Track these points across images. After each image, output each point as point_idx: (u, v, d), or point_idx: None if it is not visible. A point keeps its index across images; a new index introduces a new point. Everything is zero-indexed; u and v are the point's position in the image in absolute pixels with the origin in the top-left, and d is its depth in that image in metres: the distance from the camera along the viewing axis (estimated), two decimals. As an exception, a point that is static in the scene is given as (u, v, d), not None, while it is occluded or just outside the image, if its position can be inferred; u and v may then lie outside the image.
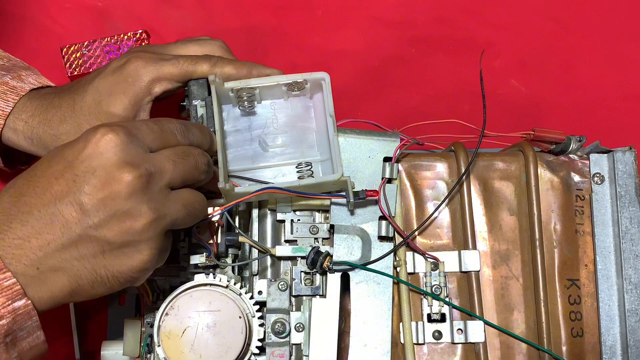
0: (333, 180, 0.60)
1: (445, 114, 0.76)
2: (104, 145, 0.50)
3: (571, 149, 0.68)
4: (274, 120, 0.65)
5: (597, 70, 0.87)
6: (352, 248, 0.63)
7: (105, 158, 0.50)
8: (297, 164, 0.63)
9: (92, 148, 0.50)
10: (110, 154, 0.50)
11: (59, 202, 0.50)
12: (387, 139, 0.65)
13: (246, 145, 0.64)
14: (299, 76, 0.62)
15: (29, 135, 0.64)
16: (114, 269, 0.51)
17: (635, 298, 0.65)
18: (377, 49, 0.86)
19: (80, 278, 0.51)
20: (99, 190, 0.50)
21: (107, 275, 0.51)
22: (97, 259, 0.51)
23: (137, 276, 0.53)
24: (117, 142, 0.50)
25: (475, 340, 0.64)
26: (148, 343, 0.63)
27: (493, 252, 0.66)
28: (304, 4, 0.87)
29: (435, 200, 0.67)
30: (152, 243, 0.52)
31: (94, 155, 0.50)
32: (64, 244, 0.50)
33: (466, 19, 0.88)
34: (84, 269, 0.51)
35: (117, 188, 0.50)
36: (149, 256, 0.52)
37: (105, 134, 0.50)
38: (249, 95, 0.63)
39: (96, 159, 0.50)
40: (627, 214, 0.66)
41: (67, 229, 0.50)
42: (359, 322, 0.63)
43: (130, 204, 0.50)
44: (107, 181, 0.50)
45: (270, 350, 0.62)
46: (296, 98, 0.65)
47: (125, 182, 0.50)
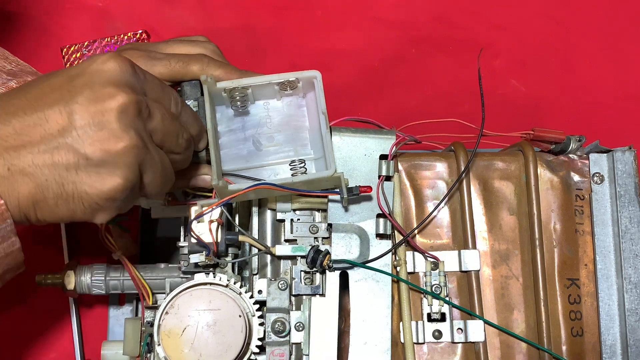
0: (326, 177, 0.60)
1: (445, 113, 0.76)
2: (109, 65, 0.50)
3: (571, 148, 0.68)
4: (267, 120, 0.65)
5: (597, 70, 0.87)
6: (350, 246, 0.63)
7: (107, 76, 0.50)
8: (291, 162, 0.63)
9: (97, 65, 0.50)
10: (112, 74, 0.50)
11: (48, 109, 0.49)
12: (383, 136, 0.65)
13: (240, 145, 0.64)
14: (290, 75, 0.62)
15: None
16: (82, 188, 0.50)
17: (635, 297, 0.65)
18: (377, 49, 0.86)
19: (46, 189, 0.49)
20: (92, 103, 0.49)
21: (74, 193, 0.50)
22: (69, 172, 0.49)
23: (102, 204, 0.51)
24: (121, 67, 0.51)
25: (475, 340, 0.64)
26: (148, 342, 0.63)
27: (493, 251, 0.66)
28: (304, 4, 0.87)
29: (435, 200, 0.67)
30: (128, 171, 0.50)
31: (95, 72, 0.50)
32: (40, 149, 0.49)
33: (466, 19, 0.88)
34: (52, 179, 0.49)
35: (110, 104, 0.49)
36: (120, 184, 0.50)
37: (111, 58, 0.51)
38: (241, 96, 0.63)
39: (97, 75, 0.50)
40: (626, 213, 0.66)
41: (48, 135, 0.49)
42: (359, 320, 0.63)
43: (118, 123, 0.49)
44: (102, 96, 0.49)
45: (270, 349, 0.62)
46: (289, 97, 0.65)
47: (119, 100, 0.49)
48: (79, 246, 0.78)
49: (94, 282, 0.67)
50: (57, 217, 0.51)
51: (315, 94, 0.62)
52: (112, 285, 0.67)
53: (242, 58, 0.68)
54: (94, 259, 0.76)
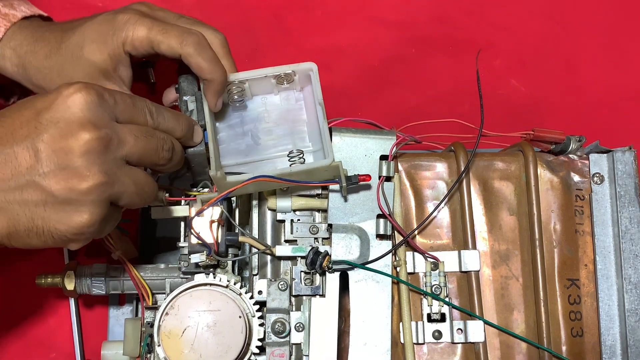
0: (325, 166, 0.60)
1: (445, 114, 0.76)
2: (73, 100, 0.51)
3: (571, 149, 0.68)
4: (265, 114, 0.65)
5: (597, 70, 0.87)
6: (350, 247, 0.63)
7: (71, 112, 0.51)
8: (289, 152, 0.63)
9: (62, 100, 0.51)
10: (76, 110, 0.51)
11: (17, 145, 0.50)
12: (383, 137, 0.65)
13: (238, 140, 0.64)
14: (286, 67, 0.62)
15: (16, 63, 0.63)
16: (51, 224, 0.51)
17: (635, 298, 0.65)
18: (377, 49, 0.86)
19: (18, 223, 0.51)
20: (56, 141, 0.50)
21: (44, 228, 0.51)
22: (37, 208, 0.51)
23: (71, 238, 0.52)
24: (87, 101, 0.51)
25: (475, 340, 0.64)
26: (148, 343, 0.63)
27: (493, 252, 0.66)
28: (304, 4, 0.87)
29: (435, 200, 0.67)
30: (94, 208, 0.51)
31: (61, 107, 0.51)
32: (10, 186, 0.50)
33: (466, 19, 0.88)
34: (23, 214, 0.51)
35: (74, 143, 0.50)
36: (87, 220, 0.51)
37: (77, 91, 0.51)
38: (238, 90, 0.63)
39: (62, 112, 0.51)
40: (626, 213, 0.66)
41: (18, 172, 0.50)
42: (359, 320, 0.63)
43: (81, 162, 0.50)
44: (66, 134, 0.50)
45: (270, 350, 0.62)
46: (286, 92, 0.65)
47: (83, 139, 0.50)
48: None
49: (94, 282, 0.67)
50: (31, 246, 0.53)
51: (312, 86, 0.62)
52: (112, 286, 0.67)
53: (242, 58, 0.68)
54: (94, 259, 0.76)
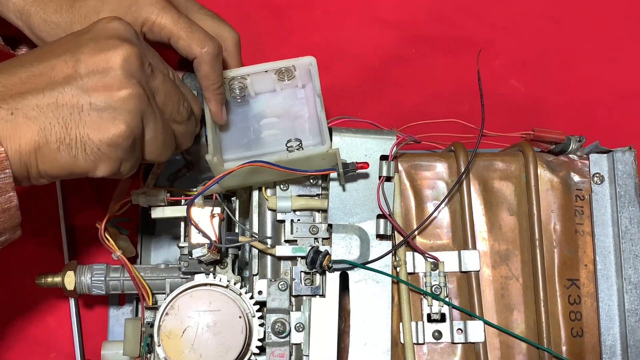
0: (322, 153, 0.60)
1: (445, 113, 0.76)
2: (114, 24, 0.53)
3: (571, 149, 0.68)
4: (267, 110, 0.65)
5: (596, 70, 0.87)
6: (350, 247, 0.63)
7: (111, 31, 0.53)
8: (287, 141, 0.62)
9: (102, 24, 0.53)
10: (116, 29, 0.53)
11: (55, 58, 0.51)
12: (384, 137, 0.65)
13: (240, 135, 0.64)
14: (286, 62, 0.63)
15: (20, 9, 0.61)
16: (85, 131, 0.50)
17: (635, 298, 0.65)
18: (377, 48, 0.86)
19: (49, 132, 0.50)
20: (97, 53, 0.51)
21: (77, 137, 0.50)
22: (73, 115, 0.50)
23: (104, 151, 0.51)
24: (126, 25, 0.54)
25: (475, 340, 0.64)
26: (148, 343, 0.63)
27: (493, 252, 0.66)
28: (304, 4, 0.87)
29: (435, 200, 0.67)
30: (129, 118, 0.51)
31: (101, 28, 0.53)
32: (44, 94, 0.50)
33: (466, 19, 0.88)
34: (56, 122, 0.50)
35: (114, 54, 0.51)
36: (122, 130, 0.51)
37: (117, 19, 0.54)
38: (240, 86, 0.64)
39: (102, 30, 0.53)
40: (626, 214, 0.66)
41: (54, 81, 0.50)
42: (359, 321, 0.63)
43: (121, 72, 0.51)
44: (107, 46, 0.52)
45: (270, 350, 0.62)
46: (288, 89, 0.65)
47: (123, 51, 0.52)
48: (79, 246, 0.78)
49: (94, 282, 0.67)
50: (58, 165, 0.51)
51: (312, 79, 0.63)
52: (112, 286, 0.67)
53: (243, 58, 0.68)
54: (94, 259, 0.76)
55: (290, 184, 0.65)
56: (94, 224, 0.64)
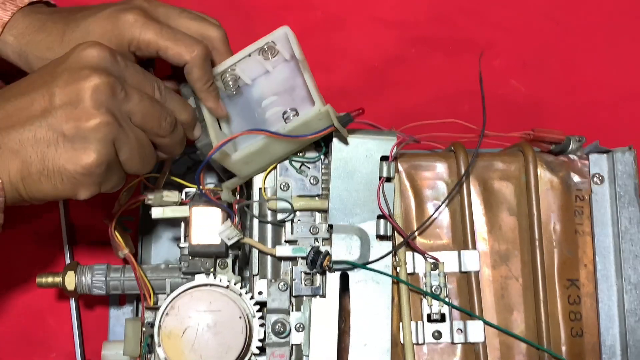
0: (316, 114, 0.60)
1: (445, 114, 0.76)
2: (88, 51, 0.55)
3: (571, 149, 0.68)
4: (265, 92, 0.65)
5: (597, 71, 0.87)
6: (350, 248, 0.63)
7: (85, 60, 0.55)
8: (283, 112, 0.63)
9: (78, 52, 0.55)
10: (90, 58, 0.55)
11: (34, 92, 0.54)
12: (384, 137, 0.65)
13: (247, 123, 0.64)
14: (263, 40, 0.64)
15: (17, 51, 0.65)
16: (60, 163, 0.54)
17: (635, 298, 0.65)
18: (378, 49, 0.86)
19: (30, 165, 0.54)
20: (69, 84, 0.54)
21: (53, 168, 0.54)
22: (49, 148, 0.53)
23: (80, 179, 0.54)
24: (101, 53, 0.55)
25: (475, 340, 0.64)
26: (148, 343, 0.63)
27: (493, 252, 0.66)
28: (304, 4, 0.87)
29: (435, 201, 0.67)
30: (101, 147, 0.54)
31: (76, 58, 0.55)
32: (25, 128, 0.54)
33: (466, 19, 0.88)
34: (35, 156, 0.54)
35: (85, 84, 0.53)
36: (94, 159, 0.53)
37: (93, 45, 0.55)
38: (232, 77, 0.64)
39: (76, 61, 0.55)
40: (626, 214, 0.66)
41: (32, 115, 0.54)
42: (359, 321, 0.63)
43: (90, 102, 0.53)
44: (78, 77, 0.54)
45: (270, 350, 0.62)
46: (279, 66, 0.65)
47: (93, 81, 0.53)
48: (79, 246, 0.78)
49: (94, 282, 0.67)
50: (42, 193, 0.55)
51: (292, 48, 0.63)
52: (113, 286, 0.67)
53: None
54: (94, 260, 0.76)
55: (290, 183, 0.65)
56: (94, 224, 0.64)
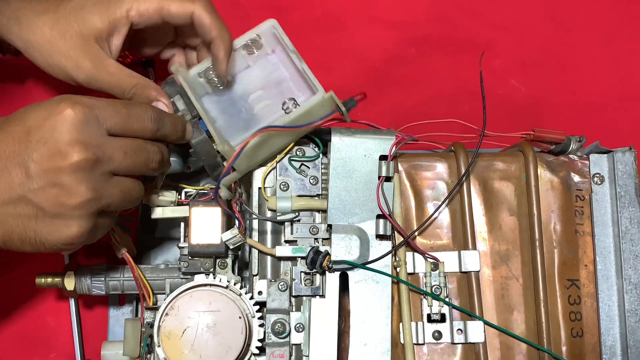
0: (318, 102, 0.61)
1: (445, 114, 0.76)
2: (62, 120, 0.53)
3: (571, 149, 0.68)
4: (249, 87, 0.65)
5: (597, 70, 0.87)
6: (350, 247, 0.63)
7: (59, 133, 0.52)
8: (282, 104, 0.64)
9: (51, 120, 0.53)
10: (65, 130, 0.53)
11: (9, 162, 0.53)
12: (383, 137, 0.65)
13: (235, 119, 0.65)
14: (249, 34, 0.64)
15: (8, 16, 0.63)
16: (42, 235, 0.54)
17: (635, 298, 0.65)
18: (377, 49, 0.86)
19: (12, 233, 0.54)
20: (46, 161, 0.52)
21: (35, 238, 0.54)
22: (29, 221, 0.54)
23: (62, 248, 0.55)
24: (75, 120, 0.53)
25: (475, 341, 0.64)
26: (148, 343, 0.63)
27: (493, 252, 0.66)
28: (304, 4, 0.87)
29: (435, 201, 0.67)
30: (82, 221, 0.54)
31: (50, 127, 0.53)
32: (4, 199, 0.53)
33: (466, 19, 0.88)
34: (16, 226, 0.54)
35: (62, 163, 0.52)
36: (76, 233, 0.54)
37: (66, 109, 0.53)
38: (214, 72, 0.64)
39: (50, 132, 0.53)
40: (627, 214, 0.66)
41: (10, 187, 0.53)
42: (359, 321, 0.63)
43: (70, 180, 0.52)
44: (55, 154, 0.52)
45: (270, 350, 0.62)
46: (260, 60, 0.66)
47: (70, 160, 0.52)
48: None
49: (94, 282, 0.67)
50: (25, 251, 0.56)
51: (280, 41, 0.64)
52: (112, 286, 0.67)
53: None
54: (94, 259, 0.76)
55: (290, 183, 0.65)
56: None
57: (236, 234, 0.61)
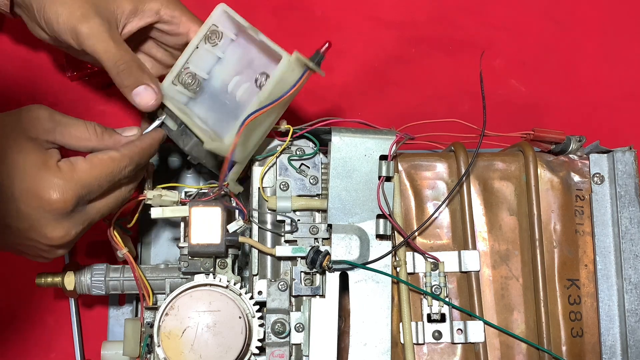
0: (286, 66, 0.60)
1: (445, 114, 0.76)
2: (49, 209, 0.56)
3: (571, 149, 0.68)
4: (226, 77, 0.65)
5: (596, 70, 0.87)
6: (350, 247, 0.63)
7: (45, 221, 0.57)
8: (255, 80, 0.63)
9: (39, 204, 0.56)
10: (51, 218, 0.57)
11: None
12: (383, 136, 0.65)
13: (222, 112, 0.65)
14: (204, 26, 0.64)
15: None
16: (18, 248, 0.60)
17: (635, 298, 0.65)
18: (377, 49, 0.86)
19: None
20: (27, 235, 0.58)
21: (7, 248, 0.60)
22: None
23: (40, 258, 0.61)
24: (62, 210, 0.57)
25: (475, 340, 0.64)
26: (148, 343, 0.63)
27: (493, 252, 0.66)
28: (304, 4, 0.87)
29: (435, 201, 0.67)
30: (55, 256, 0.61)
31: (38, 208, 0.56)
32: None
33: (466, 19, 0.88)
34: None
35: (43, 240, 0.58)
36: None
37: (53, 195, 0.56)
38: (189, 75, 0.65)
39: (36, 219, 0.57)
40: (627, 214, 0.66)
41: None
42: (359, 321, 0.63)
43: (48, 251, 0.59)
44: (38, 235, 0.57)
45: (270, 350, 0.62)
46: (229, 48, 0.66)
47: (51, 241, 0.58)
48: (79, 246, 0.78)
49: (93, 282, 0.67)
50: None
51: (233, 21, 0.63)
52: (112, 286, 0.67)
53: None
54: (94, 259, 0.76)
55: (289, 183, 0.65)
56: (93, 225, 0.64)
57: (242, 225, 0.62)
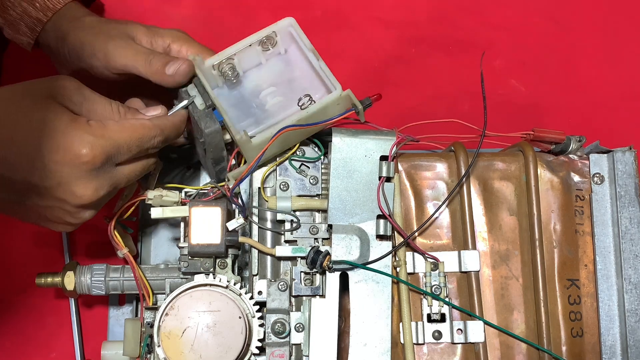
0: (335, 99, 0.62)
1: (445, 114, 0.76)
2: (79, 163, 0.56)
3: (571, 149, 0.68)
4: (261, 84, 0.66)
5: (596, 70, 0.87)
6: (350, 247, 0.63)
7: (75, 178, 0.57)
8: (298, 100, 0.64)
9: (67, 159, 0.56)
10: (80, 175, 0.57)
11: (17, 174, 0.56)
12: (383, 137, 0.65)
13: (247, 113, 0.65)
14: (266, 30, 0.64)
15: (57, 36, 0.67)
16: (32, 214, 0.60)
17: (635, 298, 0.65)
18: (377, 49, 0.86)
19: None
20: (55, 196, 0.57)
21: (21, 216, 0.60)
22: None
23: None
24: (92, 167, 0.57)
25: (475, 340, 0.64)
26: (148, 343, 0.63)
27: (493, 252, 0.66)
28: (304, 4, 0.87)
29: (435, 201, 0.67)
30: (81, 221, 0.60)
31: (67, 170, 0.56)
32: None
33: (466, 19, 0.88)
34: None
35: (72, 202, 0.58)
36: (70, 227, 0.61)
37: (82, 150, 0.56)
38: (229, 67, 0.65)
39: (67, 175, 0.56)
40: (626, 214, 0.66)
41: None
42: (359, 321, 0.63)
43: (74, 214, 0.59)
44: (66, 194, 0.57)
45: (270, 350, 0.62)
46: (272, 59, 0.66)
47: (80, 201, 0.58)
48: (79, 246, 0.78)
49: (93, 282, 0.67)
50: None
51: (297, 39, 0.64)
52: (112, 286, 0.67)
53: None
54: (94, 260, 0.76)
55: (289, 183, 0.65)
56: (94, 224, 0.64)
57: (241, 223, 0.62)
